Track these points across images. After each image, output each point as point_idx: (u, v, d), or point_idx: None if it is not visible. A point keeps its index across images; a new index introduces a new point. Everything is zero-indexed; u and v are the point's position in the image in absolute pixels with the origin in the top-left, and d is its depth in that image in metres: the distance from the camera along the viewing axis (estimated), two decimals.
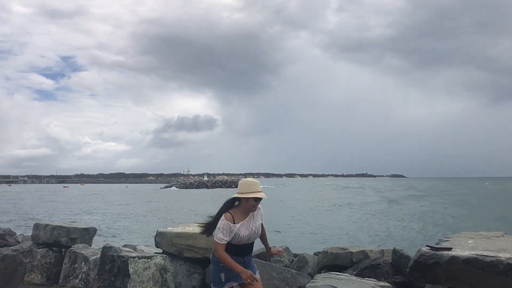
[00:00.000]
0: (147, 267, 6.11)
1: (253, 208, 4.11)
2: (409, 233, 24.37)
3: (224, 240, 4.01)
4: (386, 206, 45.49)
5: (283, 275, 6.43)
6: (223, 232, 3.99)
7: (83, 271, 7.47)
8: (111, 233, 23.64)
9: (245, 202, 4.08)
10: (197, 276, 6.97)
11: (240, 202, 4.12)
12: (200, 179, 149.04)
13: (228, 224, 4.01)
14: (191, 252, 7.02)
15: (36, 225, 8.58)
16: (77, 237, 8.23)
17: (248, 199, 4.03)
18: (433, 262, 3.65)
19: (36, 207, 47.89)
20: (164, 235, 7.28)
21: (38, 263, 8.01)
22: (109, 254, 6.15)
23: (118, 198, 67.21)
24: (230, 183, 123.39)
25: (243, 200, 4.07)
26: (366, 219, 32.22)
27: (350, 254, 7.04)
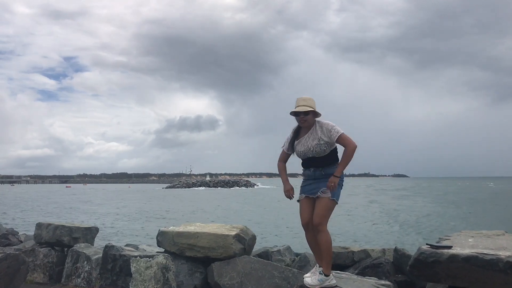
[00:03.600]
0: (149, 266, 6.13)
1: (299, 122, 4.50)
2: (410, 232, 24.34)
3: (282, 148, 4.72)
4: (388, 205, 45.45)
5: (284, 274, 6.44)
6: (285, 142, 4.70)
7: (85, 270, 7.49)
8: (113, 233, 23.67)
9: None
10: (198, 275, 6.98)
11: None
12: (203, 179, 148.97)
13: (289, 135, 4.65)
14: (192, 251, 7.04)
15: (39, 224, 8.61)
16: (79, 236, 8.25)
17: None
18: (433, 260, 3.66)
19: (38, 207, 48.01)
20: (166, 234, 7.30)
21: (41, 262, 8.04)
22: (111, 253, 6.17)
23: (121, 198, 67.29)
24: (233, 183, 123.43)
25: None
26: (368, 218, 32.20)
27: (352, 253, 7.06)
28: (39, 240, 8.40)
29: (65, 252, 8.18)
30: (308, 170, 4.49)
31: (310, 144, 4.42)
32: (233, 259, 6.83)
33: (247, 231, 7.37)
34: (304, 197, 4.50)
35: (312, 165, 4.44)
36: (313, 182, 4.44)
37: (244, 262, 6.75)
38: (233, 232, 7.05)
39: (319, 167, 4.38)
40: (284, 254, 7.95)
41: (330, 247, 4.34)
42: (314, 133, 4.43)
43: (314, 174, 4.42)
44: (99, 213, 38.76)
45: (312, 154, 4.40)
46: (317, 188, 4.40)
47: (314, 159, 4.42)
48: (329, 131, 4.35)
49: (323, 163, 4.37)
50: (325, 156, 4.37)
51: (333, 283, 4.28)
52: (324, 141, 4.34)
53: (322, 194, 4.34)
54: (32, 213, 38.63)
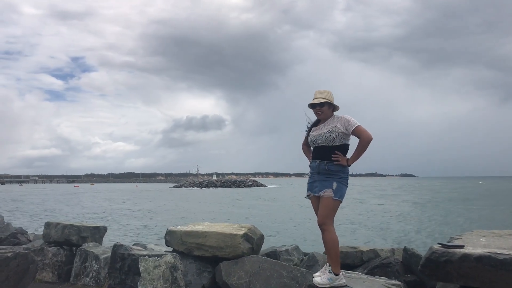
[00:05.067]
0: (157, 265, 6.12)
1: (316, 114, 4.61)
2: (420, 232, 24.21)
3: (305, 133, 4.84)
4: (397, 205, 45.27)
5: (293, 273, 6.41)
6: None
7: (93, 269, 7.51)
8: (121, 232, 23.75)
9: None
10: (207, 274, 6.97)
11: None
12: (209, 178, 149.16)
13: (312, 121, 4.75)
14: (200, 251, 7.03)
15: (47, 223, 8.64)
16: (87, 235, 8.28)
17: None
18: (444, 259, 3.61)
19: (46, 206, 48.29)
20: (174, 233, 7.30)
21: (50, 262, 8.07)
22: (119, 252, 6.17)
23: (128, 198, 67.54)
24: (239, 183, 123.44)
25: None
26: (377, 218, 32.07)
27: (361, 253, 7.02)
28: (48, 239, 8.43)
29: (74, 251, 8.20)
30: (314, 162, 4.48)
31: (323, 130, 4.44)
32: (241, 259, 6.81)
33: (255, 231, 7.34)
34: (311, 195, 4.51)
35: (319, 156, 4.42)
36: (316, 178, 4.42)
37: (252, 262, 6.72)
38: (241, 232, 7.04)
39: (324, 159, 4.36)
40: (292, 254, 7.92)
41: (337, 246, 4.30)
42: (330, 122, 4.45)
43: (318, 167, 4.39)
44: (107, 212, 38.91)
45: (322, 141, 4.38)
46: (319, 187, 4.38)
47: (322, 149, 4.40)
48: (347, 121, 4.35)
49: (329, 156, 4.35)
50: (333, 147, 4.34)
51: (343, 283, 4.25)
52: (339, 130, 4.33)
53: (323, 194, 4.33)
54: (41, 212, 38.85)
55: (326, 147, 4.39)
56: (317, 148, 4.49)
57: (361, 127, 4.32)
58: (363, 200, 50.72)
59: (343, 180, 4.38)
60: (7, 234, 13.34)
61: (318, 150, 4.48)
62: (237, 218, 30.68)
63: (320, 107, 4.45)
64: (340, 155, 4.36)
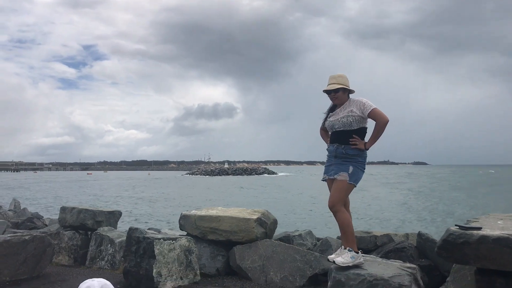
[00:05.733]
0: (172, 249, 6.17)
1: (331, 100, 4.58)
2: (434, 217, 24.13)
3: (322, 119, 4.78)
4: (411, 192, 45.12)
5: (306, 257, 6.43)
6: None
7: (109, 253, 7.61)
8: (134, 218, 24.00)
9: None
10: (221, 258, 7.02)
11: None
12: (221, 166, 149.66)
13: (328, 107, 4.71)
14: (214, 235, 7.08)
15: (63, 208, 8.75)
16: (102, 220, 8.37)
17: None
18: (462, 241, 3.58)
19: (61, 192, 48.93)
20: (188, 218, 7.35)
21: (66, 245, 8.19)
22: (135, 235, 6.23)
23: (141, 185, 68.11)
24: (251, 171, 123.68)
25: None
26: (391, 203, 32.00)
27: (374, 237, 7.00)
28: (64, 224, 8.55)
29: (89, 235, 8.31)
30: (332, 146, 4.47)
31: (340, 115, 4.42)
32: (254, 243, 6.84)
33: (268, 215, 7.36)
34: (327, 178, 4.51)
35: (336, 141, 4.41)
36: (333, 162, 4.41)
37: (266, 246, 6.75)
38: (255, 216, 7.06)
39: (342, 143, 4.35)
40: (305, 239, 7.92)
41: (351, 225, 4.32)
42: (346, 107, 4.42)
43: (335, 151, 4.39)
44: (120, 198, 39.30)
45: (339, 126, 4.37)
46: (335, 170, 4.37)
47: (339, 133, 4.39)
48: (362, 104, 4.32)
49: (347, 140, 4.33)
50: (351, 131, 4.33)
51: (362, 261, 4.28)
52: (356, 114, 4.31)
53: (338, 177, 4.32)
54: (55, 198, 39.37)
55: (344, 132, 4.37)
56: (335, 133, 4.47)
57: (377, 110, 4.28)
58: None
59: (359, 164, 4.37)
60: (23, 218, 13.57)
61: (336, 134, 4.47)
62: (249, 204, 30.82)
63: (335, 92, 4.43)
64: (357, 139, 4.34)
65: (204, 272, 6.73)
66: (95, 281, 2.36)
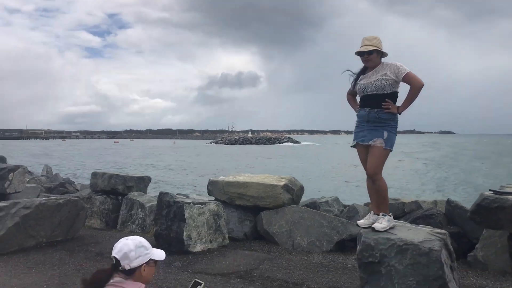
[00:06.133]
0: (202, 213, 6.29)
1: (364, 62, 4.40)
2: (455, 187, 23.86)
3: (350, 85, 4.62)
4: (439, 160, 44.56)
5: (333, 223, 6.48)
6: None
7: (139, 217, 7.81)
8: (161, 185, 24.42)
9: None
10: (248, 223, 7.13)
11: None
12: (245, 135, 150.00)
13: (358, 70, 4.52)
14: (242, 200, 7.18)
15: (94, 173, 8.98)
16: (133, 185, 8.56)
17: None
18: (496, 206, 3.53)
19: (89, 159, 50.04)
20: (216, 183, 7.46)
21: (97, 209, 8.43)
22: (165, 199, 6.36)
23: (167, 153, 69.03)
24: (274, 140, 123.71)
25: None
26: (411, 173, 31.72)
27: (402, 204, 6.99)
28: (95, 189, 8.78)
29: (120, 200, 8.53)
30: (363, 110, 4.36)
31: (372, 78, 4.31)
32: (281, 208, 6.92)
33: (295, 182, 7.41)
34: (358, 144, 4.43)
35: (368, 105, 4.33)
36: (365, 127, 4.34)
37: (293, 211, 6.82)
38: (282, 183, 7.11)
39: (375, 107, 4.28)
40: (332, 205, 7.97)
41: (387, 192, 4.33)
42: (379, 70, 4.32)
43: (368, 116, 4.31)
44: (148, 166, 39.99)
45: (371, 89, 4.27)
46: (369, 136, 4.31)
47: (372, 97, 4.29)
48: (397, 68, 4.23)
49: (380, 104, 4.25)
50: (384, 95, 4.24)
51: (395, 224, 4.31)
52: (390, 77, 4.21)
53: (374, 143, 4.26)
54: (84, 165, 40.31)
55: (377, 95, 4.27)
56: (367, 97, 4.37)
57: (412, 73, 4.18)
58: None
59: (393, 129, 4.30)
60: (56, 183, 14.00)
61: (367, 98, 4.37)
62: (274, 172, 30.98)
63: (369, 54, 4.32)
64: (390, 103, 4.25)
65: (232, 236, 6.86)
66: (129, 239, 2.40)
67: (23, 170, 7.63)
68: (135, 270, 2.35)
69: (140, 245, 2.38)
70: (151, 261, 2.41)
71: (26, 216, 6.30)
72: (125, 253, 2.32)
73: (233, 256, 5.93)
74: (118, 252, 2.34)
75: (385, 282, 3.90)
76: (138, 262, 2.35)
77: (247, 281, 4.94)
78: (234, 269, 5.36)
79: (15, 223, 6.15)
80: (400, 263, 3.84)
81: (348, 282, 4.90)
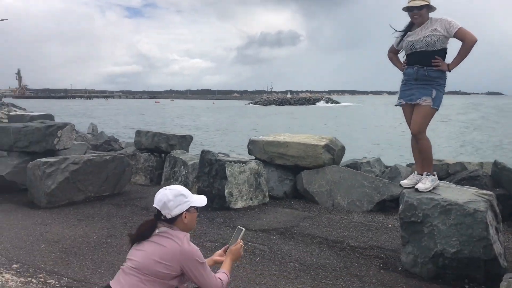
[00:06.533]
0: (243, 171, 6.39)
1: (412, 18, 4.25)
2: (504, 150, 23.08)
3: (392, 44, 4.51)
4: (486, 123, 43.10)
5: (374, 184, 6.44)
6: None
7: (182, 174, 8.01)
8: (201, 144, 24.83)
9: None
10: (288, 182, 7.20)
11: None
12: (283, 96, 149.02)
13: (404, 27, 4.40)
14: (282, 160, 7.22)
15: (138, 132, 9.21)
16: (175, 143, 8.75)
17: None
18: None
19: (132, 119, 51.25)
20: (257, 143, 7.51)
21: (142, 166, 8.70)
22: (207, 157, 6.49)
23: (206, 113, 69.75)
24: (314, 100, 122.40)
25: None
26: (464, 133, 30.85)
27: (446, 165, 6.85)
28: (139, 146, 9.03)
29: (163, 157, 8.76)
30: (411, 68, 4.22)
31: (421, 34, 4.15)
32: (322, 168, 6.93)
33: (336, 142, 7.37)
34: (404, 103, 4.32)
35: (417, 62, 4.18)
36: (413, 86, 4.21)
37: (333, 171, 6.82)
38: (323, 143, 7.09)
39: (423, 65, 4.13)
40: (373, 166, 7.90)
41: (431, 152, 4.26)
42: (428, 26, 4.14)
43: (416, 73, 4.16)
44: (188, 126, 40.63)
45: (421, 46, 4.11)
46: (417, 94, 4.19)
47: (421, 54, 4.13)
48: (448, 23, 4.05)
49: (429, 61, 4.10)
50: (433, 51, 4.09)
51: (439, 184, 4.26)
52: (440, 33, 4.05)
53: (422, 102, 4.15)
54: (127, 124, 41.35)
55: (426, 52, 4.12)
56: (415, 54, 4.20)
57: (463, 29, 4.00)
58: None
59: (441, 87, 4.17)
60: (101, 141, 14.48)
61: (416, 55, 4.20)
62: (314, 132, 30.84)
63: (419, 10, 4.14)
64: (440, 60, 4.11)
65: (272, 195, 6.96)
66: (167, 189, 2.47)
67: (71, 128, 7.91)
68: (177, 218, 2.43)
69: (179, 194, 2.44)
70: (192, 208, 2.48)
71: (75, 171, 6.59)
72: (164, 203, 2.41)
73: (273, 213, 6.04)
74: (158, 202, 2.43)
75: (427, 242, 3.89)
76: (178, 210, 2.42)
77: (287, 237, 5.05)
78: (274, 226, 5.47)
79: (65, 178, 6.45)
80: (443, 223, 3.81)
81: (388, 241, 4.93)
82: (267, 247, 4.70)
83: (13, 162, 7.23)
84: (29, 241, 4.79)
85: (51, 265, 4.13)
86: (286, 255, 4.49)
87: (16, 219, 5.65)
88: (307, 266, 4.20)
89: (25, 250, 4.49)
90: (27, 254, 4.38)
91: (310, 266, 4.20)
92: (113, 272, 2.66)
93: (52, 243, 4.74)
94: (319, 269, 4.13)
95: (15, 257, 4.30)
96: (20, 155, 7.34)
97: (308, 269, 4.11)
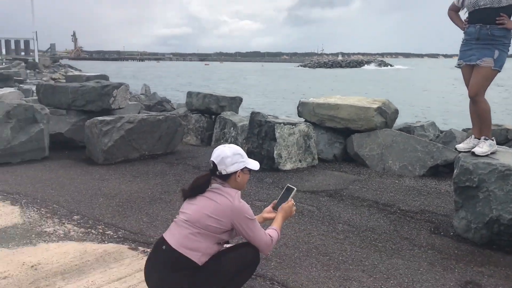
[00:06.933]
0: (292, 133, 6.39)
1: None
2: None
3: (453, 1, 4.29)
4: None
5: (428, 148, 6.27)
6: None
7: (232, 135, 8.11)
8: (250, 106, 24.89)
9: None
10: (338, 145, 7.14)
11: None
12: (334, 58, 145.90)
13: None
14: (332, 122, 7.14)
15: (189, 93, 9.36)
16: (225, 105, 8.83)
17: None
18: None
19: (182, 80, 51.96)
20: (306, 105, 7.45)
21: (193, 127, 8.88)
22: (257, 119, 6.52)
23: (255, 76, 69.58)
24: (366, 63, 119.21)
25: None
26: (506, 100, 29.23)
27: (506, 130, 6.56)
28: (190, 107, 9.19)
29: (213, 119, 8.88)
30: (473, 27, 3.98)
31: None
32: (374, 132, 6.81)
33: (389, 105, 7.19)
34: (464, 64, 4.11)
35: (479, 20, 3.93)
36: (474, 46, 3.99)
37: (385, 135, 6.69)
38: (375, 105, 6.93)
39: (487, 23, 3.89)
40: (427, 130, 7.68)
41: (489, 115, 4.06)
42: None
43: (479, 32, 3.93)
44: (237, 89, 40.75)
45: (485, 2, 3.85)
46: (478, 55, 3.97)
47: (485, 11, 3.88)
48: None
49: (493, 19, 3.85)
50: (498, 8, 3.83)
51: (497, 149, 4.09)
52: None
53: (482, 63, 3.93)
54: (178, 86, 41.98)
55: (490, 9, 3.86)
56: (478, 11, 3.95)
57: None
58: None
59: (505, 47, 3.92)
60: (154, 102, 14.86)
61: (479, 13, 3.95)
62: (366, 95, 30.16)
63: None
64: (506, 17, 3.85)
65: (322, 157, 6.93)
66: (226, 146, 2.52)
67: (126, 88, 8.12)
68: (231, 176, 2.49)
69: (237, 153, 2.50)
70: (246, 169, 2.54)
71: (130, 130, 6.81)
72: (222, 158, 2.46)
73: (323, 176, 6.04)
74: (216, 157, 2.48)
75: (482, 208, 3.79)
76: (234, 168, 2.48)
77: (336, 199, 5.05)
78: (324, 188, 5.48)
79: (120, 136, 6.69)
80: (500, 189, 3.68)
81: (441, 206, 4.83)
82: (316, 208, 4.73)
83: (71, 120, 7.56)
84: (88, 195, 5.06)
85: (109, 217, 4.35)
86: (335, 216, 4.50)
87: (75, 174, 5.95)
88: (356, 227, 4.21)
89: (84, 203, 4.75)
90: (86, 207, 4.64)
91: (359, 227, 4.20)
92: (167, 226, 2.77)
93: (109, 197, 4.98)
94: (368, 231, 4.13)
95: (76, 209, 4.56)
96: (78, 114, 7.64)
97: (357, 231, 4.12)
